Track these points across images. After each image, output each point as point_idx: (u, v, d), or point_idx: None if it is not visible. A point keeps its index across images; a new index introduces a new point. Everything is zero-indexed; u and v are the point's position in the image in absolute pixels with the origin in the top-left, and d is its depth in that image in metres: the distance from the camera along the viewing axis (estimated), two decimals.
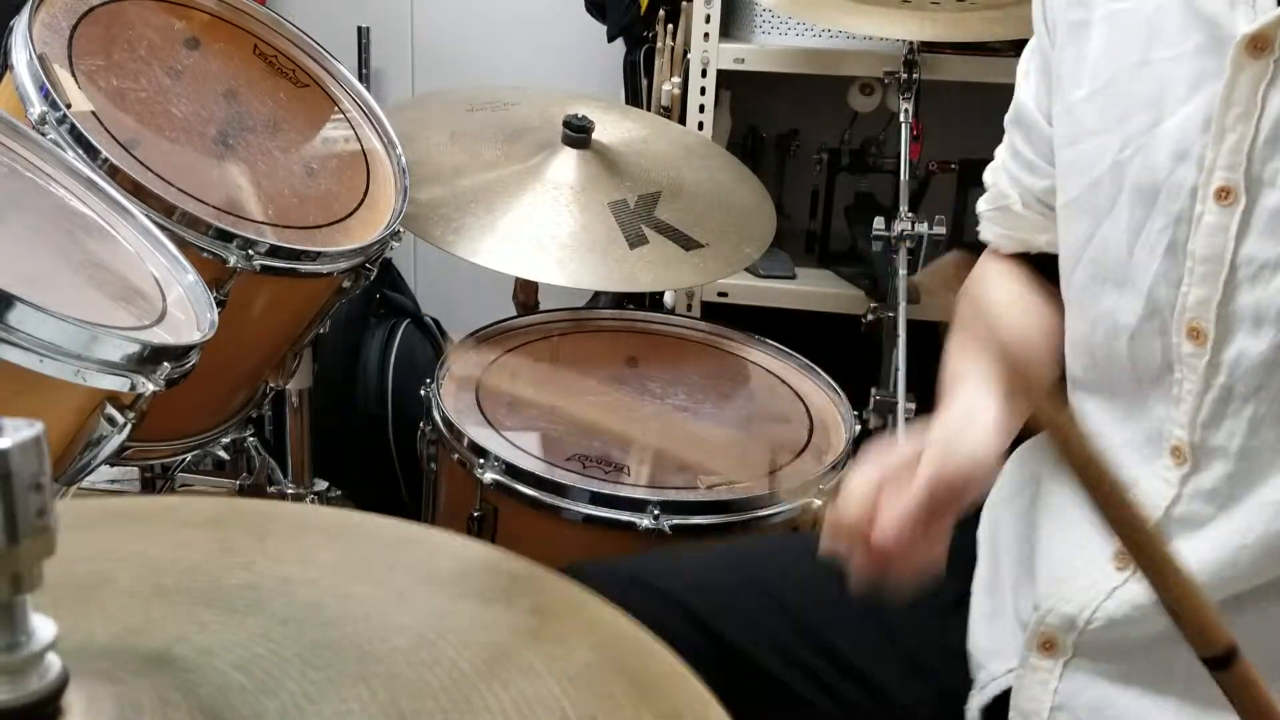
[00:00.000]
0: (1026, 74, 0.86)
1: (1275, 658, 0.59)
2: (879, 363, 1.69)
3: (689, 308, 1.80)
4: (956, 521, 0.72)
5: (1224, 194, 0.67)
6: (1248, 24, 0.65)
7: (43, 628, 0.37)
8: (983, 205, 0.93)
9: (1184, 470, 0.71)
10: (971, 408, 0.76)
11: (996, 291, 0.90)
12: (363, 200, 1.31)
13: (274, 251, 1.12)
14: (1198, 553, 0.70)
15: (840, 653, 0.85)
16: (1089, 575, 0.75)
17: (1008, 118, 0.90)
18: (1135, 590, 0.73)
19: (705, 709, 0.44)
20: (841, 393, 1.37)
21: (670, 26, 1.82)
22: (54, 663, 0.37)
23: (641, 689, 0.44)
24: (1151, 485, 0.73)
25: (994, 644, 0.81)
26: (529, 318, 1.50)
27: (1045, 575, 0.79)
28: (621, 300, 1.74)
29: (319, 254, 1.18)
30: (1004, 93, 0.92)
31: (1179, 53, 0.69)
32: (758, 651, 0.85)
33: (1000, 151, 0.91)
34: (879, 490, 0.71)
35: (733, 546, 0.97)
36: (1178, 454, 0.71)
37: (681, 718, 0.43)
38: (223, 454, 1.55)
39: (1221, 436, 0.69)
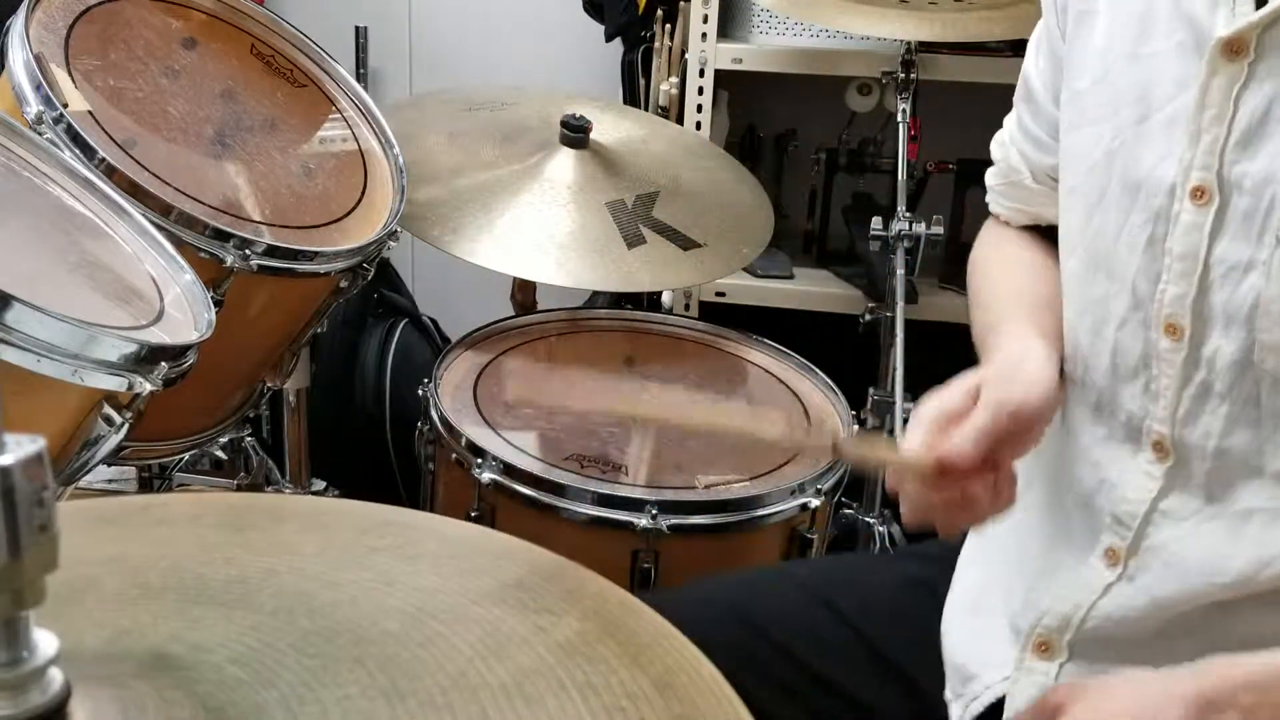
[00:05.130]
0: (1036, 53, 0.86)
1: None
2: (876, 362, 1.69)
3: (686, 307, 1.80)
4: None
5: (1199, 193, 0.67)
6: (1225, 27, 0.66)
7: (44, 642, 0.37)
8: (992, 179, 0.94)
9: (1168, 464, 0.72)
10: (1022, 346, 0.77)
11: (1002, 253, 0.91)
12: (360, 200, 1.31)
13: (271, 251, 1.12)
14: (1187, 544, 0.70)
15: (827, 678, 0.85)
16: (1081, 574, 0.75)
17: (1017, 93, 0.90)
18: (1128, 589, 0.73)
19: (697, 667, 0.44)
20: (839, 392, 1.37)
21: (668, 26, 1.82)
22: (56, 676, 0.37)
23: (633, 652, 0.44)
24: (1135, 480, 0.73)
25: (985, 654, 0.81)
26: (526, 318, 1.50)
27: (1039, 578, 0.79)
28: (619, 300, 1.74)
29: (316, 254, 1.17)
30: (1002, 92, 0.92)
31: (1165, 49, 0.70)
32: (744, 680, 0.84)
33: (1009, 123, 0.92)
34: (943, 422, 0.72)
35: (714, 581, 0.96)
36: (1159, 449, 0.72)
37: (675, 677, 0.43)
38: (220, 454, 1.55)
39: (1198, 434, 0.70)
